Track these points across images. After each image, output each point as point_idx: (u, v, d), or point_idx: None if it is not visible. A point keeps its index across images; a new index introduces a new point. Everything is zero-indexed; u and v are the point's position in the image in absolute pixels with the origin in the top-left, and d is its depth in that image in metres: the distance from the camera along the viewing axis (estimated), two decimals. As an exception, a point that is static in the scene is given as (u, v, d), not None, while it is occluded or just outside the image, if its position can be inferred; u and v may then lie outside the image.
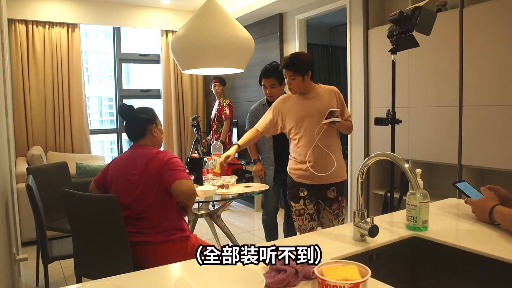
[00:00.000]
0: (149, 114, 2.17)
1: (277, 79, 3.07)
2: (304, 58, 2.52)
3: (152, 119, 2.15)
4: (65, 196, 2.01)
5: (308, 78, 2.52)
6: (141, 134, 2.13)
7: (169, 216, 2.03)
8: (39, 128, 5.29)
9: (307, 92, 2.57)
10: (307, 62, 2.51)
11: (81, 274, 2.08)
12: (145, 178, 1.98)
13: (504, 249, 1.21)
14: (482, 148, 2.96)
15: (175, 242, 1.99)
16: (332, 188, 2.58)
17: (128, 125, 2.16)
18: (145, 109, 2.20)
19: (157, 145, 2.18)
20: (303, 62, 2.49)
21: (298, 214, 2.56)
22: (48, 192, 2.94)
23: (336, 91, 2.59)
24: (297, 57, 2.53)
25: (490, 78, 2.88)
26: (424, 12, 2.27)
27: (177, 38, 2.80)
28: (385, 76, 3.55)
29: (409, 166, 1.24)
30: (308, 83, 2.55)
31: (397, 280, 1.32)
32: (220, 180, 2.84)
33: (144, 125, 2.13)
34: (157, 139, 2.17)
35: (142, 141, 2.13)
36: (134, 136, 2.16)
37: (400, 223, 1.50)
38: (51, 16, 5.24)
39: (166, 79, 6.22)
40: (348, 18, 4.22)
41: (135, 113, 2.14)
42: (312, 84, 2.59)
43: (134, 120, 2.14)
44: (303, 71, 2.48)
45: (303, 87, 2.54)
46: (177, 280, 0.99)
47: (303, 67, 2.48)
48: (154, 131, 2.15)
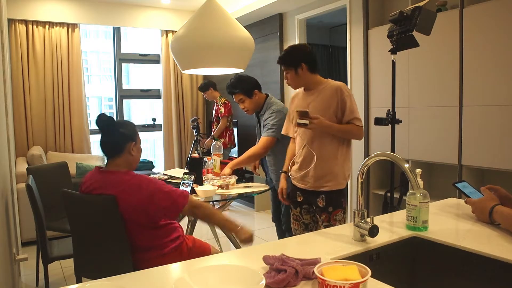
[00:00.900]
0: (129, 129, 1.94)
1: (242, 93, 2.94)
2: (295, 51, 2.38)
3: (132, 136, 1.93)
4: (65, 196, 2.00)
5: (304, 71, 2.36)
6: (117, 151, 1.89)
7: (155, 236, 1.92)
8: (39, 128, 5.29)
9: (310, 88, 2.42)
10: (299, 54, 2.36)
11: (81, 274, 2.08)
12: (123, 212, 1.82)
13: (504, 249, 1.21)
14: (482, 148, 2.96)
15: (167, 255, 1.93)
16: (321, 196, 2.37)
17: (105, 139, 1.91)
18: (126, 123, 1.98)
19: (133, 166, 1.96)
20: (293, 55, 2.36)
21: (295, 219, 2.53)
22: (48, 192, 2.94)
23: (340, 88, 2.33)
24: (288, 49, 2.41)
25: (490, 78, 2.88)
26: (424, 12, 2.27)
27: (177, 38, 2.80)
28: (385, 76, 3.55)
29: (409, 166, 1.24)
30: (307, 77, 2.38)
31: (397, 280, 1.33)
32: (220, 180, 2.84)
33: (122, 142, 1.89)
34: (134, 159, 1.94)
35: (117, 159, 1.90)
36: (109, 152, 1.92)
37: (400, 223, 1.50)
38: (51, 16, 5.25)
39: (166, 79, 6.22)
40: (348, 18, 4.22)
41: (115, 126, 1.91)
42: (316, 79, 2.40)
43: (113, 134, 1.90)
44: (295, 63, 2.34)
45: (299, 81, 2.40)
46: (177, 280, 0.99)
47: (294, 59, 2.34)
48: (133, 149, 1.92)
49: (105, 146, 1.92)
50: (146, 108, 7.14)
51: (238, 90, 2.94)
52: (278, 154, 2.88)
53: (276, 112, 2.87)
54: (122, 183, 1.82)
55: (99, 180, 1.88)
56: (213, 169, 3.10)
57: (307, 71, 2.37)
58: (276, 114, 2.86)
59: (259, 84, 3.02)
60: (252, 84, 2.95)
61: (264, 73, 5.49)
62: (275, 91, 5.29)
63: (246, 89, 2.93)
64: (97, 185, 1.88)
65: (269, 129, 2.84)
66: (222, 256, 1.26)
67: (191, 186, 2.61)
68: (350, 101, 2.33)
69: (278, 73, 5.21)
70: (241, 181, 3.04)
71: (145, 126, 6.43)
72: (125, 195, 1.80)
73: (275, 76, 5.30)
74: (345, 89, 2.34)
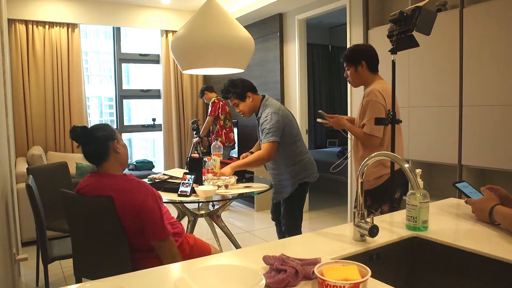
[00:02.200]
0: (106, 130, 1.89)
1: (235, 97, 2.90)
2: (358, 49, 2.49)
3: (111, 135, 1.88)
4: (64, 196, 2.00)
5: (364, 69, 2.46)
6: (104, 155, 1.86)
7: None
8: (39, 128, 5.29)
9: (367, 86, 2.50)
10: (359, 51, 2.46)
11: (80, 275, 2.08)
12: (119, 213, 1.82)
13: (504, 249, 1.21)
14: (482, 148, 2.96)
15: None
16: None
17: (87, 149, 1.86)
18: (101, 125, 1.93)
19: (123, 163, 1.94)
20: (354, 52, 2.47)
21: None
22: (48, 192, 2.94)
23: (367, 92, 2.42)
24: (351, 47, 2.53)
25: (490, 78, 2.88)
26: (424, 12, 2.27)
27: (177, 38, 2.80)
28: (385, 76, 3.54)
29: (409, 166, 1.24)
30: (366, 76, 2.47)
31: (397, 280, 1.33)
32: (220, 180, 2.83)
33: (105, 144, 1.85)
34: (122, 156, 1.91)
35: (106, 164, 1.87)
36: (96, 160, 1.88)
37: (400, 223, 1.50)
38: (51, 16, 5.25)
39: (166, 79, 6.22)
40: (348, 18, 4.22)
41: (92, 133, 1.86)
42: (374, 78, 2.48)
43: (93, 141, 1.85)
44: (355, 61, 2.45)
45: (359, 79, 2.49)
46: (177, 280, 0.99)
47: (355, 56, 2.46)
48: (117, 147, 1.88)
49: (90, 155, 1.88)
50: (146, 108, 7.15)
51: (231, 94, 2.91)
52: (278, 158, 2.85)
53: (271, 114, 2.78)
54: (119, 185, 1.82)
55: (94, 183, 1.88)
56: (213, 169, 3.09)
57: (366, 70, 2.46)
58: (270, 117, 2.77)
59: (253, 86, 2.95)
60: (245, 87, 2.90)
61: (264, 73, 5.49)
62: (275, 91, 5.29)
63: (239, 93, 2.89)
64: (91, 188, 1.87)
65: (268, 134, 2.76)
66: (222, 256, 1.26)
67: (191, 186, 2.62)
68: (367, 105, 2.38)
69: (278, 73, 5.21)
70: (241, 181, 3.04)
71: (145, 126, 6.43)
72: (121, 197, 1.79)
73: (275, 76, 5.30)
74: (370, 93, 2.39)
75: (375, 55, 2.50)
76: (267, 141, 2.75)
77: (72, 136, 1.84)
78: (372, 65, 2.48)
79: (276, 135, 2.74)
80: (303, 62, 5.00)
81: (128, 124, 6.35)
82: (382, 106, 2.37)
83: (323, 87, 7.55)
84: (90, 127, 1.90)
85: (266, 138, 2.76)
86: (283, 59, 5.21)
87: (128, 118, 6.75)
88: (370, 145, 2.42)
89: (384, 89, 2.42)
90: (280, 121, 2.75)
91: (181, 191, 2.61)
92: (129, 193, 1.80)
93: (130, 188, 1.82)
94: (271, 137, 2.74)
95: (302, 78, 4.99)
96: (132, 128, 6.35)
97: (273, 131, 2.74)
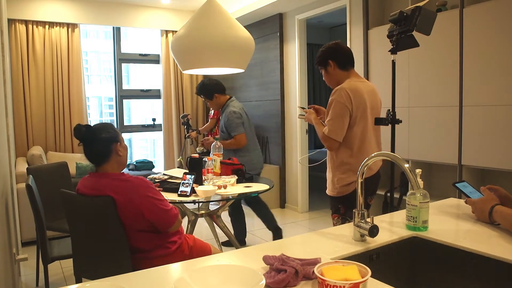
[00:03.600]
0: (111, 132, 1.90)
1: (204, 96, 3.74)
2: (322, 49, 2.44)
3: (115, 137, 1.89)
4: (64, 196, 2.00)
5: (334, 69, 2.39)
6: (105, 157, 1.87)
7: (155, 237, 1.92)
8: (39, 128, 5.29)
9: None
10: (325, 52, 2.41)
11: (80, 275, 2.08)
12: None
13: (504, 249, 1.21)
14: (482, 148, 2.96)
15: (169, 255, 1.93)
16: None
17: (90, 148, 1.87)
18: (105, 126, 1.93)
19: (122, 166, 1.95)
20: (321, 53, 2.44)
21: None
22: (48, 192, 2.94)
23: (336, 89, 2.32)
24: (319, 50, 2.48)
25: (490, 78, 2.88)
26: (424, 12, 2.27)
27: (177, 38, 2.80)
28: (385, 76, 3.55)
29: (409, 166, 1.24)
30: (338, 74, 2.40)
31: (397, 280, 1.33)
32: (220, 180, 2.84)
33: (108, 146, 1.86)
34: (122, 159, 1.92)
35: (106, 165, 1.88)
36: (97, 160, 1.88)
37: (400, 223, 1.51)
38: (51, 16, 5.24)
39: (166, 79, 6.22)
40: (348, 18, 4.22)
41: (96, 133, 1.86)
42: (346, 76, 2.39)
43: (96, 141, 1.85)
44: (323, 62, 2.42)
45: (333, 79, 2.43)
46: (177, 280, 0.99)
47: (321, 58, 2.42)
48: (119, 150, 1.89)
49: (92, 155, 1.88)
50: (146, 108, 7.15)
51: (201, 94, 3.76)
52: (250, 150, 3.69)
53: (230, 113, 3.60)
54: (119, 186, 1.82)
55: (93, 184, 1.87)
56: (213, 169, 3.09)
57: (336, 68, 2.40)
58: (229, 115, 3.59)
59: (221, 88, 3.73)
60: (213, 89, 3.69)
61: (264, 73, 5.49)
62: (275, 91, 5.29)
63: (206, 93, 3.71)
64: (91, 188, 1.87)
65: (236, 127, 3.57)
66: (222, 256, 1.26)
67: (191, 186, 2.62)
68: (331, 105, 2.30)
69: (278, 73, 5.21)
70: (241, 181, 3.04)
71: (145, 126, 6.43)
72: (121, 198, 1.80)
73: (275, 76, 5.30)
74: (336, 92, 2.30)
75: (344, 51, 2.41)
76: (238, 133, 3.58)
77: (76, 135, 1.84)
78: (342, 63, 2.39)
79: (241, 128, 3.60)
80: (303, 62, 5.00)
81: (128, 124, 6.35)
82: (346, 108, 2.26)
83: (323, 87, 7.56)
84: (94, 127, 1.90)
85: (236, 131, 3.58)
86: (283, 59, 5.21)
87: (128, 118, 6.75)
88: (327, 147, 2.34)
89: (354, 88, 2.30)
90: (240, 118, 3.60)
91: (181, 191, 2.61)
92: (129, 193, 1.81)
93: (130, 187, 1.82)
94: (239, 129, 3.59)
95: (302, 78, 4.99)
96: (132, 128, 6.35)
97: (237, 125, 3.58)
